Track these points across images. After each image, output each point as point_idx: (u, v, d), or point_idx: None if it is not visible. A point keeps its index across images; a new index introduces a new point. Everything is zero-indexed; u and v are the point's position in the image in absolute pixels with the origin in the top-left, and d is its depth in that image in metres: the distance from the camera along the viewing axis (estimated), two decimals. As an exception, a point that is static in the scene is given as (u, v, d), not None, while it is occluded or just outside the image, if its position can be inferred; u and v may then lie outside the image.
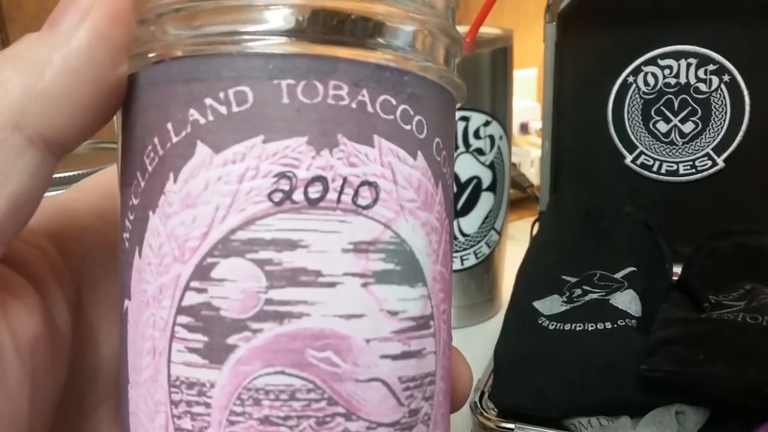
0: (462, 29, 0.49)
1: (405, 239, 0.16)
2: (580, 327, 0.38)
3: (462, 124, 0.48)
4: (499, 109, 0.50)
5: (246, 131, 0.15)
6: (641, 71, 0.51)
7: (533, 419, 0.36)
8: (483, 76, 0.49)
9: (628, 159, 0.53)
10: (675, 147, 0.51)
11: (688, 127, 0.51)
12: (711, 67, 0.49)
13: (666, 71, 0.50)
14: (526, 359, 0.38)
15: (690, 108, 0.50)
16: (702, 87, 0.50)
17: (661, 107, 0.51)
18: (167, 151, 0.15)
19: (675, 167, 0.52)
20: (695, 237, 0.47)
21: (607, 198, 0.52)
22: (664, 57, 0.50)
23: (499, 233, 0.53)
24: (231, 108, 0.15)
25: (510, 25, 0.53)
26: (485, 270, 0.53)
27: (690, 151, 0.51)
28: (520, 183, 0.64)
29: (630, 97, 0.52)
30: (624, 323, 0.38)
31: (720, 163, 0.51)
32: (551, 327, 0.39)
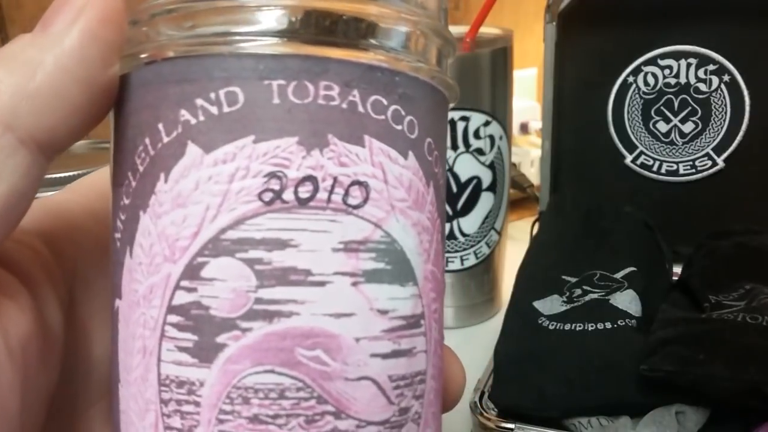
0: (462, 29, 0.49)
1: (396, 239, 0.16)
2: (580, 327, 0.38)
3: (462, 124, 0.48)
4: (499, 109, 0.50)
5: (237, 131, 0.15)
6: (641, 71, 0.51)
7: (533, 419, 0.36)
8: (483, 76, 0.49)
9: (628, 159, 0.53)
10: (675, 147, 0.51)
11: (688, 127, 0.51)
12: (711, 67, 0.49)
13: (666, 71, 0.50)
14: (526, 359, 0.38)
15: (690, 108, 0.50)
16: (702, 87, 0.50)
17: (661, 107, 0.51)
18: (158, 152, 0.15)
19: (675, 167, 0.52)
20: (695, 237, 0.47)
21: (607, 198, 0.52)
22: (664, 57, 0.50)
23: (499, 233, 0.53)
24: (222, 108, 0.15)
25: (510, 25, 0.52)
26: (485, 270, 0.53)
27: (690, 151, 0.51)
28: (520, 183, 0.64)
29: (630, 97, 0.51)
30: (624, 323, 0.38)
31: (720, 163, 0.51)
32: (551, 327, 0.39)
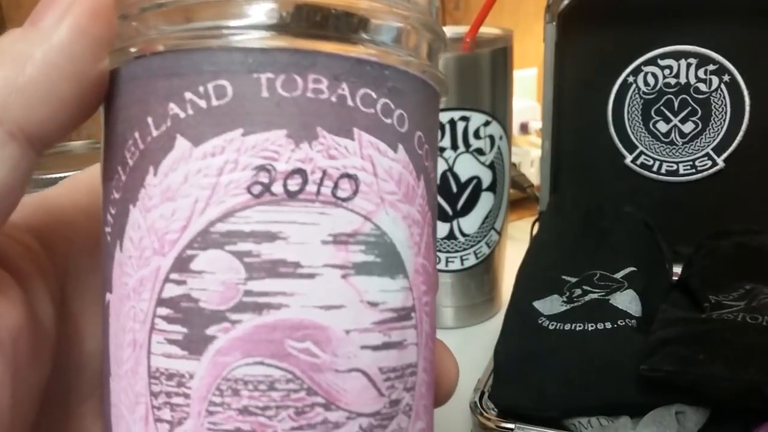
0: (462, 29, 0.49)
1: (385, 231, 0.16)
2: (580, 327, 0.38)
3: (462, 124, 0.48)
4: (499, 109, 0.50)
5: (225, 125, 0.15)
6: (641, 71, 0.51)
7: (533, 419, 0.36)
8: (483, 76, 0.49)
9: (628, 159, 0.52)
10: (675, 147, 0.51)
11: (688, 127, 0.51)
12: (711, 67, 0.49)
13: (666, 71, 0.50)
14: (526, 359, 0.38)
15: (690, 108, 0.50)
16: (702, 87, 0.50)
17: (661, 107, 0.51)
18: (147, 145, 0.15)
19: (675, 167, 0.52)
20: (695, 237, 0.47)
21: (607, 198, 0.52)
22: (664, 57, 0.50)
23: (499, 233, 0.53)
24: (210, 102, 0.15)
25: (510, 25, 0.52)
26: (485, 270, 0.53)
27: (690, 151, 0.51)
28: (520, 183, 0.64)
29: (630, 97, 0.51)
30: (624, 323, 0.38)
31: (720, 163, 0.51)
32: (551, 327, 0.39)
